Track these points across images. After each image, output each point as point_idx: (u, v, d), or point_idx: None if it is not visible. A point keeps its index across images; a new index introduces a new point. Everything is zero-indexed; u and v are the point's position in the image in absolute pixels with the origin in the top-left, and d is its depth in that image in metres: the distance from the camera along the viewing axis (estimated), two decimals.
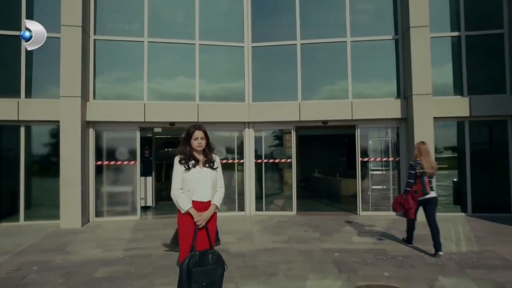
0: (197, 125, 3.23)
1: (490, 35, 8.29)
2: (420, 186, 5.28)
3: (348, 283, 4.13)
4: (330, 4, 8.83)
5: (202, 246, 3.03)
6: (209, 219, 3.11)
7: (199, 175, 3.09)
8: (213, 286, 3.00)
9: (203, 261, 2.96)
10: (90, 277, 4.43)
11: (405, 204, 5.40)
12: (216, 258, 3.03)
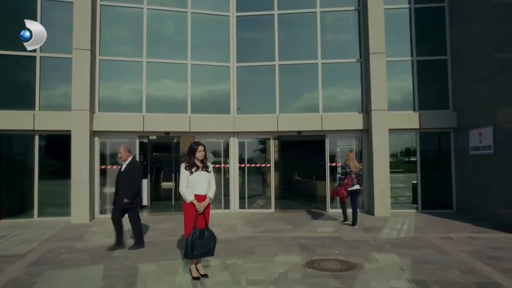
0: (198, 142, 4.68)
1: (436, 60, 9.99)
2: (350, 181, 7.79)
3: (306, 258, 5.62)
4: (304, 31, 10.37)
5: (201, 226, 4.48)
6: (206, 207, 4.57)
7: (199, 177, 4.53)
8: (208, 253, 4.48)
9: (202, 236, 4.42)
10: (110, 255, 5.81)
11: (339, 193, 7.96)
12: (210, 234, 4.51)
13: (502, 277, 4.63)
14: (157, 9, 9.99)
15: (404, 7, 10.13)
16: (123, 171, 6.36)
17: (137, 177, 6.34)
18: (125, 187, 6.20)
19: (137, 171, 6.40)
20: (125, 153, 6.41)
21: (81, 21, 8.96)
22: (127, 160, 6.37)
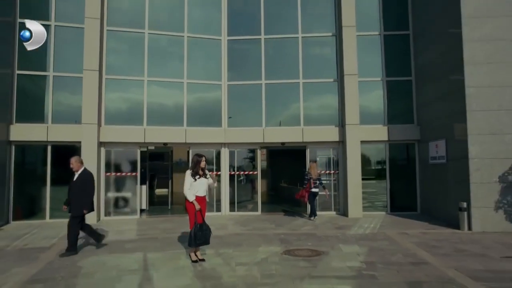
0: (200, 154, 6.05)
1: (403, 80, 11.53)
2: (310, 185, 9.88)
3: (284, 248, 6.98)
4: (287, 54, 11.83)
5: (199, 221, 5.83)
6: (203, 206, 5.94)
7: (200, 182, 5.89)
8: (206, 242, 5.84)
9: (201, 228, 5.77)
10: (123, 247, 7.11)
11: (302, 194, 10.11)
12: (207, 226, 5.86)
13: (432, 258, 6.07)
14: (157, 33, 11.38)
15: (375, 34, 11.69)
16: (75, 181, 6.76)
17: (88, 187, 6.75)
18: (76, 197, 6.61)
19: (88, 181, 6.80)
20: (76, 164, 6.82)
21: (90, 45, 10.29)
22: (79, 171, 6.80)
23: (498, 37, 8.57)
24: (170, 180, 14.76)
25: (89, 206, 6.75)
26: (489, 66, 8.53)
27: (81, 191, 6.64)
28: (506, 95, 8.43)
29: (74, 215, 6.64)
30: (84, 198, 6.64)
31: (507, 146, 8.37)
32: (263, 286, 4.84)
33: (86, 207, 6.67)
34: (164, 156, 16.38)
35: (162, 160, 16.68)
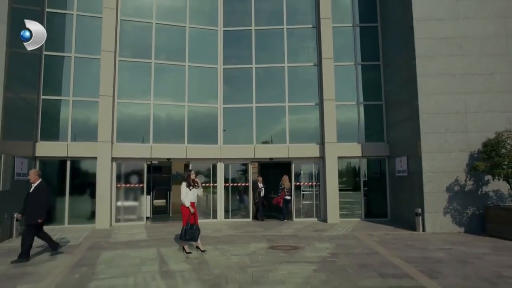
0: (189, 169, 7.97)
1: (375, 104, 13.52)
2: (283, 193, 12.24)
3: (270, 245, 8.76)
4: (275, 80, 13.76)
5: (191, 222, 7.64)
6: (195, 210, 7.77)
7: (193, 191, 7.74)
8: (193, 239, 7.68)
9: (191, 228, 7.60)
10: (138, 245, 8.85)
11: (277, 200, 12.59)
12: (197, 227, 7.70)
13: (384, 250, 7.92)
14: (161, 63, 13.28)
15: (351, 64, 13.72)
16: (31, 192, 7.35)
17: (42, 198, 7.29)
18: (31, 207, 7.18)
19: (43, 193, 7.36)
20: (34, 176, 7.41)
21: (105, 74, 12.14)
22: (36, 183, 7.40)
23: (444, 72, 10.61)
24: (169, 191, 16.48)
25: (43, 216, 7.35)
26: (438, 96, 10.54)
27: (36, 202, 7.23)
28: (451, 120, 10.43)
29: (29, 223, 7.30)
30: (38, 208, 7.20)
31: (453, 162, 10.33)
32: (252, 267, 6.63)
33: (41, 217, 7.29)
34: (163, 169, 18.12)
35: (160, 172, 18.40)
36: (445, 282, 5.63)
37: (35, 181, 7.42)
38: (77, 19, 12.59)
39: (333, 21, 13.39)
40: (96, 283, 5.76)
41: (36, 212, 7.22)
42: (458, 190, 10.31)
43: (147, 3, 13.38)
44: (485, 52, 10.62)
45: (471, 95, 10.51)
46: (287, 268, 6.60)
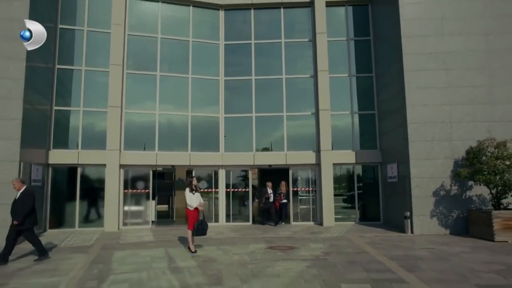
0: (191, 175, 8.83)
1: (368, 114, 14.35)
2: (280, 198, 12.87)
3: (268, 245, 9.54)
4: (274, 91, 14.62)
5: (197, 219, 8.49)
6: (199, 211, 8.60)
7: (196, 195, 8.57)
8: (204, 233, 8.50)
9: (202, 223, 8.44)
10: (147, 246, 9.64)
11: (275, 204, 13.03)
12: (205, 223, 8.53)
13: (372, 250, 8.71)
14: (166, 75, 14.15)
15: (345, 75, 14.59)
16: (17, 199, 7.74)
17: (27, 203, 7.64)
18: (17, 212, 7.55)
19: (28, 198, 7.73)
20: (18, 184, 7.80)
21: (114, 86, 13.00)
22: (21, 190, 7.80)
23: (430, 85, 11.46)
24: (172, 196, 17.25)
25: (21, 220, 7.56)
26: (425, 107, 11.38)
27: (23, 207, 7.61)
28: (436, 129, 11.26)
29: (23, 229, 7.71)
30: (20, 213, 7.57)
31: (439, 168, 11.15)
32: (251, 264, 7.42)
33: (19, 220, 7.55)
34: (165, 175, 18.91)
35: (164, 179, 19.18)
36: (422, 275, 6.42)
37: (20, 188, 7.82)
38: (87, 34, 13.47)
39: (328, 35, 14.29)
40: (113, 277, 6.55)
41: (26, 216, 7.63)
42: (444, 195, 11.12)
43: (152, 19, 14.27)
44: (467, 66, 11.48)
45: (455, 106, 11.36)
46: (283, 264, 7.39)
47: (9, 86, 10.10)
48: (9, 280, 6.41)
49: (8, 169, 9.78)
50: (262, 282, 6.18)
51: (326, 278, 6.32)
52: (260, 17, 15.04)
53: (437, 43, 11.66)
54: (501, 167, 9.70)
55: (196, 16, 14.73)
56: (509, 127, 10.97)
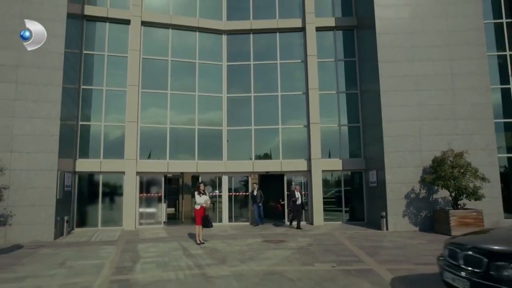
0: (200, 182, 11.05)
1: (354, 126, 16.47)
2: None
3: (264, 239, 11.65)
4: (270, 106, 16.78)
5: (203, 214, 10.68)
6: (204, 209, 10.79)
7: (203, 197, 10.75)
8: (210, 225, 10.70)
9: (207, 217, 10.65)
10: (162, 240, 11.78)
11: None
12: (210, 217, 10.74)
13: (348, 242, 10.82)
14: (176, 93, 16.34)
15: (333, 92, 16.73)
16: None
17: None
18: None
19: None
20: None
21: (131, 104, 15.22)
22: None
23: (403, 104, 13.58)
24: (179, 200, 19.40)
25: None
26: (398, 122, 13.50)
27: None
28: (408, 142, 13.38)
29: None
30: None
31: (410, 175, 13.25)
32: (249, 252, 9.53)
33: None
34: (173, 181, 21.07)
35: (172, 184, 21.34)
36: (377, 258, 8.53)
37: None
38: (108, 59, 15.70)
39: (318, 56, 16.47)
40: (143, 260, 8.69)
41: None
42: (414, 197, 13.21)
43: (163, 44, 16.50)
44: (435, 87, 13.60)
45: (424, 122, 13.47)
46: (273, 252, 9.51)
47: (48, 108, 12.30)
48: (65, 262, 8.56)
49: (49, 177, 11.98)
50: (256, 262, 8.30)
51: (304, 260, 8.44)
52: (258, 40, 17.25)
53: (409, 67, 13.80)
54: (456, 174, 11.81)
55: (201, 41, 16.96)
56: (468, 139, 13.11)
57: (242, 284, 6.48)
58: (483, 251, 4.32)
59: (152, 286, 6.43)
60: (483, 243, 4.65)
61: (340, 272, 7.21)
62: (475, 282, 4.15)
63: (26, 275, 7.33)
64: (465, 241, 4.90)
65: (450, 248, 4.93)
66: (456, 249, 4.76)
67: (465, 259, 4.52)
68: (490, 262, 4.10)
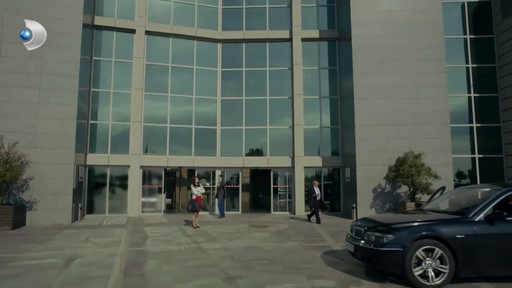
0: (195, 175, 13.36)
1: (334, 128, 18.77)
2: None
3: (250, 225, 13.96)
4: (259, 109, 19.02)
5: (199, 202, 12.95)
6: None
7: (197, 189, 13.05)
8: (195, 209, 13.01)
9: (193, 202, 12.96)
10: (164, 224, 14.07)
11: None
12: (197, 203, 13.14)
13: (319, 228, 13.17)
14: (176, 95, 18.51)
15: (316, 97, 18.99)
16: None
17: None
18: None
19: None
20: None
21: (136, 105, 17.39)
22: None
23: (373, 111, 15.88)
24: (175, 191, 21.68)
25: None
26: (368, 127, 15.81)
27: None
28: (375, 143, 15.70)
29: None
30: None
31: (377, 172, 15.60)
32: (236, 233, 11.84)
33: None
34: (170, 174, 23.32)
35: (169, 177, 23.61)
36: (338, 239, 10.85)
37: None
38: (115, 64, 17.81)
39: (303, 65, 18.72)
40: (151, 238, 10.98)
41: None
42: (380, 191, 15.59)
43: (165, 51, 18.61)
44: (400, 97, 15.92)
45: (391, 127, 15.80)
46: (256, 233, 11.84)
47: (67, 110, 14.45)
48: (88, 239, 10.84)
49: (67, 170, 14.20)
50: (241, 240, 10.62)
51: (279, 239, 10.79)
52: (250, 49, 19.42)
53: (379, 79, 16.07)
54: (413, 172, 14.17)
55: (199, 48, 19.10)
56: (428, 143, 15.47)
57: (228, 253, 8.80)
58: (363, 225, 6.89)
59: (162, 254, 8.73)
60: (364, 221, 7.24)
61: (304, 247, 9.55)
62: (356, 245, 6.75)
63: (63, 246, 9.61)
64: (358, 221, 7.46)
65: (351, 226, 7.37)
66: (353, 226, 7.25)
67: (355, 231, 7.01)
68: (365, 231, 6.59)
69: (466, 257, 5.83)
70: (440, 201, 7.95)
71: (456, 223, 6.14)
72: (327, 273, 6.89)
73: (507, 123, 16.84)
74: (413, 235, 5.99)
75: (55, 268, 7.31)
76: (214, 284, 6.30)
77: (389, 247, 6.04)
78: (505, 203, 6.32)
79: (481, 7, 18.07)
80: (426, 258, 5.88)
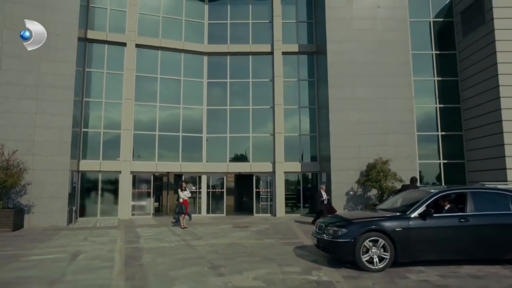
0: (182, 180, 14.69)
1: (312, 135, 20.34)
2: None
3: (234, 226, 15.35)
4: (243, 118, 20.47)
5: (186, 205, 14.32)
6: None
7: (184, 193, 14.47)
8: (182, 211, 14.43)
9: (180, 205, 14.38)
10: (154, 226, 15.35)
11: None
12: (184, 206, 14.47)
13: (297, 228, 14.66)
14: (164, 105, 19.82)
15: (295, 107, 20.55)
16: None
17: None
18: None
19: None
20: None
21: (126, 114, 18.63)
22: None
23: (347, 120, 17.51)
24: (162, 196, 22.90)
25: None
26: (342, 135, 17.42)
27: None
28: (348, 151, 17.32)
29: None
30: None
31: (350, 177, 17.20)
32: (220, 233, 13.22)
33: None
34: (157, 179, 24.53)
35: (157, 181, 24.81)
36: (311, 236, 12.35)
37: None
38: (106, 75, 19.04)
39: (283, 76, 20.28)
40: (144, 237, 12.27)
41: None
42: (353, 194, 17.19)
43: (154, 63, 19.93)
44: (372, 108, 17.59)
45: (362, 135, 17.45)
46: (238, 233, 13.25)
47: (62, 120, 15.63)
48: (87, 238, 12.07)
49: (62, 175, 15.36)
50: (225, 238, 12.01)
51: (259, 237, 12.22)
52: (234, 61, 20.89)
53: (351, 91, 17.73)
54: (380, 177, 15.82)
55: (186, 60, 20.47)
56: (397, 150, 17.16)
57: (213, 248, 10.19)
58: (324, 222, 8.40)
59: (155, 249, 10.06)
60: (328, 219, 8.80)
61: (280, 243, 11.00)
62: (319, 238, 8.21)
63: (65, 244, 10.86)
64: (323, 219, 8.99)
65: (316, 223, 8.88)
66: (317, 223, 8.77)
67: (318, 227, 8.51)
68: (325, 226, 8.05)
69: (403, 246, 7.39)
70: (391, 201, 9.54)
71: (396, 219, 7.71)
72: (295, 262, 8.37)
73: (468, 131, 18.64)
74: (362, 229, 7.51)
75: (64, 261, 8.59)
76: (201, 271, 7.69)
77: (343, 238, 7.54)
78: (437, 203, 7.92)
79: (445, 26, 19.94)
80: (372, 247, 7.41)
